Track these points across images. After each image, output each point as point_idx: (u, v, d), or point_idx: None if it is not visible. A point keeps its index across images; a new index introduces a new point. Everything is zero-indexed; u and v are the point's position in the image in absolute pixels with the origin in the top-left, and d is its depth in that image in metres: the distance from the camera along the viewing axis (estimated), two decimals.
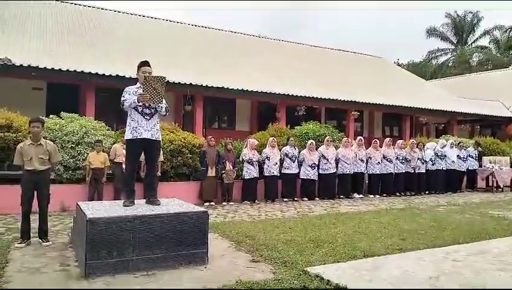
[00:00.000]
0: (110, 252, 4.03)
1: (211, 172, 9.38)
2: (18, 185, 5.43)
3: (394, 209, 8.89)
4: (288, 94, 14.42)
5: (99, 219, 4.06)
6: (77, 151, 8.37)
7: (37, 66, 10.53)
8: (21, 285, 3.73)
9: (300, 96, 14.65)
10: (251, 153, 9.86)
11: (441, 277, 4.01)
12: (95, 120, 9.46)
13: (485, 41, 40.41)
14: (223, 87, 13.24)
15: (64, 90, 12.56)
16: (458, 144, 13.40)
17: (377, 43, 67.44)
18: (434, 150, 12.56)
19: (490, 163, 13.45)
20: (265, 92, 14.05)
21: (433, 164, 12.36)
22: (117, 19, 17.67)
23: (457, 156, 12.97)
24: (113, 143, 8.78)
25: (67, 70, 10.89)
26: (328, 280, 3.83)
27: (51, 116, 8.82)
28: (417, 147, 12.16)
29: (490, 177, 13.38)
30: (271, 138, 10.31)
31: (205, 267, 4.33)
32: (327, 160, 10.57)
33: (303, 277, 3.97)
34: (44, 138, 5.63)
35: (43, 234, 5.29)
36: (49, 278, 3.93)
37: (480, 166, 13.61)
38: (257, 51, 19.48)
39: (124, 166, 8.13)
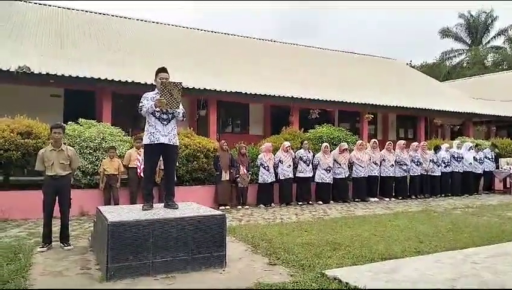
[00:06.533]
0: (130, 255, 4.11)
1: (225, 176, 9.45)
2: (38, 191, 5.54)
3: (410, 212, 8.83)
4: (301, 97, 14.47)
5: (120, 223, 4.15)
6: (95, 156, 8.52)
7: (55, 74, 10.75)
8: (45, 287, 3.82)
9: (314, 99, 14.67)
10: (267, 157, 9.89)
11: (460, 279, 3.99)
12: (111, 126, 9.61)
13: (499, 41, 39.93)
14: (236, 91, 13.34)
15: (81, 97, 12.77)
16: (476, 146, 13.23)
17: (389, 45, 67.06)
18: (447, 152, 12.38)
19: (507, 165, 13.25)
20: (279, 96, 14.10)
21: (445, 166, 12.21)
22: (133, 26, 17.92)
23: (474, 157, 12.81)
24: (130, 148, 8.91)
25: (85, 77, 11.10)
26: (347, 283, 3.84)
27: (69, 122, 8.98)
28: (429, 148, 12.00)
29: (508, 179, 13.19)
30: (287, 143, 10.30)
31: (223, 270, 4.38)
32: (339, 164, 10.57)
33: (321, 280, 3.99)
34: (64, 143, 5.75)
35: (64, 238, 5.40)
36: (72, 281, 4.02)
37: (497, 168, 13.42)
38: (270, 54, 19.55)
39: (138, 171, 8.35)
